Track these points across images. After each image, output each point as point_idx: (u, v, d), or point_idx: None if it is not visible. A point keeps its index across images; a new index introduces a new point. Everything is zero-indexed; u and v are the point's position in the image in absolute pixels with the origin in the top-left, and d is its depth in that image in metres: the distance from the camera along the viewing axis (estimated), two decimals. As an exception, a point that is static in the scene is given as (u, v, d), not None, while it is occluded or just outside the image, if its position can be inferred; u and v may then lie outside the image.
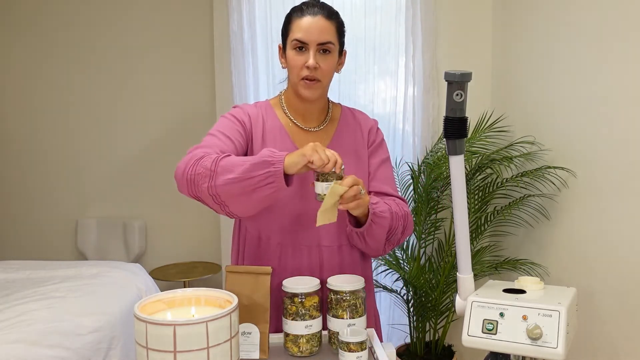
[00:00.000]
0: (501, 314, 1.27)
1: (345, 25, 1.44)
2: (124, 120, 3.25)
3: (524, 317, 1.25)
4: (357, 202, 1.24)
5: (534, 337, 1.21)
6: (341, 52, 1.44)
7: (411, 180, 2.63)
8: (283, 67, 1.43)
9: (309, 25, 1.35)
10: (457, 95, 1.25)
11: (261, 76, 2.94)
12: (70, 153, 3.30)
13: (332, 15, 1.38)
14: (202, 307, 1.11)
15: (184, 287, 2.13)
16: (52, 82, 3.26)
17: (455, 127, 1.28)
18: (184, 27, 3.15)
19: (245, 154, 1.40)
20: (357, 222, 1.38)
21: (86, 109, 3.26)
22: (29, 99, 3.30)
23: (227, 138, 1.37)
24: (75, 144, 3.29)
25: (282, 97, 1.49)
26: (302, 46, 1.35)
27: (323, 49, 1.36)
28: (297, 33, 1.35)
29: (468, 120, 1.31)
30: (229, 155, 1.27)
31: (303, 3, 1.41)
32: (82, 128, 3.28)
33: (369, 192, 1.46)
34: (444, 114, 1.29)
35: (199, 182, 1.22)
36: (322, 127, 1.47)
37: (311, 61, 1.34)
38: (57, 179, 3.32)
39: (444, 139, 1.34)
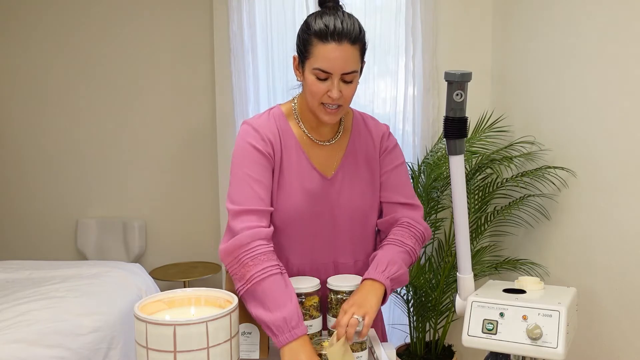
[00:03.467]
0: (501, 314, 1.27)
1: (366, 37, 1.32)
2: (124, 121, 3.25)
3: (524, 317, 1.25)
4: (365, 328, 1.18)
5: (534, 337, 1.21)
6: (362, 68, 1.34)
7: (411, 180, 2.63)
8: (298, 80, 1.36)
9: (334, 56, 1.24)
10: (457, 95, 1.25)
11: (261, 76, 2.94)
12: (70, 153, 3.30)
13: (357, 38, 1.27)
14: (202, 307, 1.11)
15: (184, 287, 2.13)
16: (53, 83, 3.26)
17: (455, 127, 1.28)
18: (184, 27, 3.15)
19: (272, 181, 1.36)
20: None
21: (86, 109, 3.26)
22: (31, 100, 3.30)
23: (257, 183, 1.32)
24: (76, 144, 3.29)
25: (296, 105, 1.42)
26: (325, 77, 1.26)
27: (346, 79, 1.28)
28: (320, 61, 1.25)
29: (468, 120, 1.31)
30: (267, 278, 1.21)
31: (324, 15, 1.27)
32: (82, 128, 3.28)
33: (380, 203, 1.44)
34: (444, 114, 1.29)
35: (235, 277, 1.25)
36: (335, 139, 1.42)
37: (335, 93, 1.26)
38: (57, 179, 3.32)
39: (444, 139, 1.33)
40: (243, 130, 1.38)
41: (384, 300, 1.27)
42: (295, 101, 1.43)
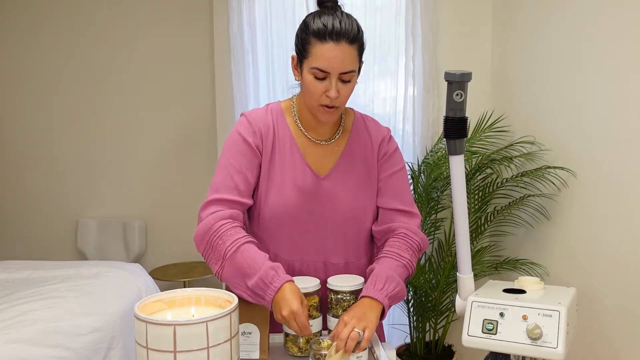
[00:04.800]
0: (501, 314, 1.27)
1: (364, 37, 1.32)
2: (124, 121, 3.25)
3: (524, 317, 1.25)
4: (365, 342, 1.18)
5: (534, 337, 1.21)
6: (360, 68, 1.34)
7: (411, 180, 2.63)
8: (297, 80, 1.36)
9: (333, 55, 1.24)
10: (457, 95, 1.25)
11: (261, 76, 2.94)
12: (70, 153, 3.30)
13: (355, 37, 1.27)
14: (202, 307, 1.11)
15: (184, 287, 2.13)
16: (54, 83, 3.26)
17: (455, 127, 1.28)
18: (184, 27, 3.15)
19: (259, 175, 1.38)
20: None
21: (86, 109, 3.26)
22: (31, 100, 3.29)
23: (239, 174, 1.33)
24: (76, 144, 3.29)
25: (294, 103, 1.43)
26: (323, 76, 1.27)
27: (344, 78, 1.28)
28: (317, 61, 1.25)
29: (468, 120, 1.31)
30: (240, 246, 1.25)
31: (322, 15, 1.27)
32: (82, 128, 3.28)
33: (377, 208, 1.43)
34: (444, 114, 1.29)
35: (211, 262, 1.29)
36: (333, 140, 1.41)
37: (333, 93, 1.26)
38: (57, 179, 3.32)
39: (444, 139, 1.33)
40: (238, 121, 1.41)
41: (382, 317, 1.28)
42: (294, 100, 1.43)
